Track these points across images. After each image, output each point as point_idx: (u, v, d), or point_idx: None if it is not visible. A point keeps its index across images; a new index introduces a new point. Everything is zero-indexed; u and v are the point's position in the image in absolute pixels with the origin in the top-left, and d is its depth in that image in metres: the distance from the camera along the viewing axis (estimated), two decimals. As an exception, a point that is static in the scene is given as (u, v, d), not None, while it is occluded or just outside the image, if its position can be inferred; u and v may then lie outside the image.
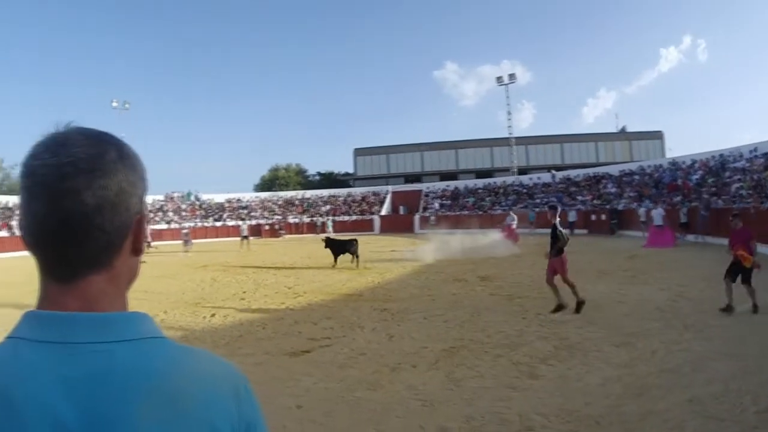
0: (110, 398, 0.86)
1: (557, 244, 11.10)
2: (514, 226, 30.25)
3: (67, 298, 0.94)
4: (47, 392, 0.85)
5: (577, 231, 37.81)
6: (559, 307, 10.86)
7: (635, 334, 9.04)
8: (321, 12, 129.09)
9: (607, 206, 40.40)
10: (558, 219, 11.32)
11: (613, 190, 43.40)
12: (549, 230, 11.57)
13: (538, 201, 48.54)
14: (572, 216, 39.06)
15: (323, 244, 23.28)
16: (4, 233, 42.90)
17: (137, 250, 1.05)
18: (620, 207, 39.19)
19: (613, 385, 6.66)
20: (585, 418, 5.67)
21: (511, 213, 32.48)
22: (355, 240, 23.22)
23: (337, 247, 22.97)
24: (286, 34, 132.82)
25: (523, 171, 65.08)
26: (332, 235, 27.53)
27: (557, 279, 11.18)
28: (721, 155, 36.57)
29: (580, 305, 10.84)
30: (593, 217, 39.73)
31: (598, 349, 8.31)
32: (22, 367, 0.87)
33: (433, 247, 25.23)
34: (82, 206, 0.92)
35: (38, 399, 0.84)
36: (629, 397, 6.27)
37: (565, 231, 11.45)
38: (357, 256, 22.44)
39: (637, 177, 43.39)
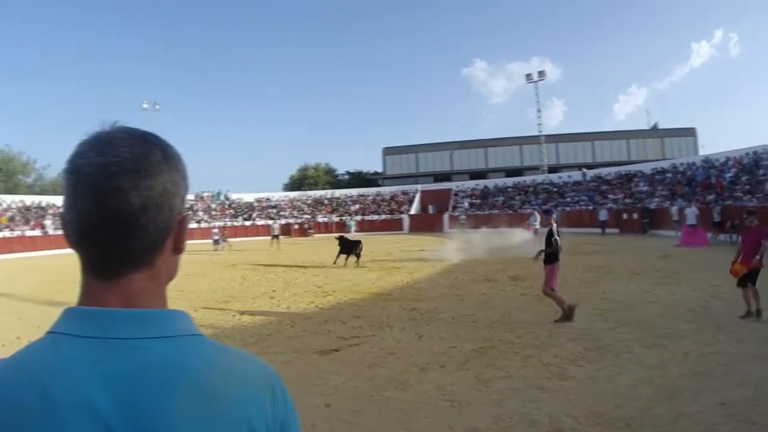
0: (148, 394, 0.86)
1: (550, 251, 10.72)
2: (536, 227, 29.88)
3: (108, 295, 0.95)
4: (86, 387, 0.85)
5: (608, 230, 37.53)
6: (569, 312, 10.32)
7: (667, 336, 8.93)
8: (350, 12, 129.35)
9: (639, 205, 39.99)
10: (555, 224, 10.91)
11: (645, 188, 42.94)
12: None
13: (568, 200, 48.24)
14: (603, 215, 38.73)
15: (337, 242, 23.75)
16: (37, 232, 43.58)
17: (178, 249, 1.06)
18: (652, 206, 38.78)
19: (644, 387, 6.57)
20: (615, 421, 5.61)
21: (535, 213, 32.11)
22: (359, 241, 23.83)
23: (345, 247, 23.42)
24: (316, 35, 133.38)
25: (553, 169, 64.69)
26: (347, 235, 27.60)
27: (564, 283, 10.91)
28: (755, 152, 36.04)
29: (565, 315, 10.33)
30: (625, 216, 39.33)
31: (629, 350, 8.21)
32: (61, 362, 0.88)
33: (462, 246, 25.16)
34: (128, 206, 0.92)
35: (77, 393, 0.85)
36: (660, 399, 6.19)
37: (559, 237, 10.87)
38: (358, 257, 23.13)
39: (669, 175, 42.88)
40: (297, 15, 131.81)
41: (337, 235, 26.14)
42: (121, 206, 0.92)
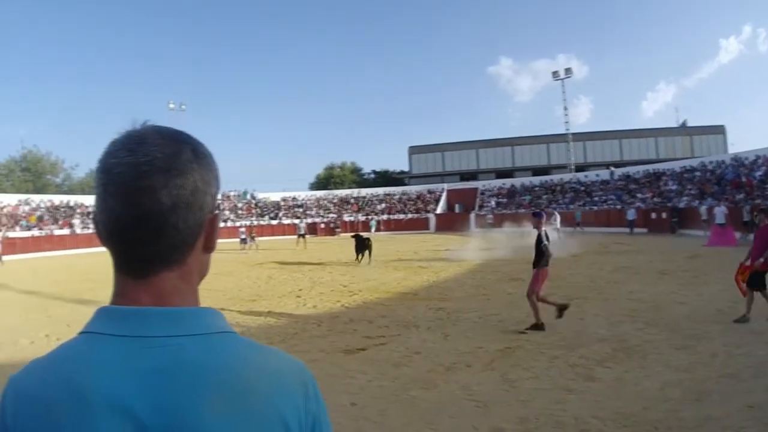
0: (181, 391, 0.87)
1: (543, 257, 10.25)
2: (557, 227, 29.55)
3: (140, 294, 0.96)
4: (119, 385, 0.86)
5: (637, 230, 37.21)
6: (540, 324, 9.88)
7: (695, 337, 8.83)
8: (376, 11, 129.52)
9: (668, 204, 39.56)
10: (544, 229, 10.45)
11: (674, 187, 42.48)
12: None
13: (596, 199, 47.89)
14: (631, 214, 38.40)
15: (354, 240, 24.23)
16: (65, 231, 44.13)
17: (209, 248, 1.07)
18: (681, 205, 38.32)
19: (672, 390, 6.50)
20: (642, 423, 5.55)
21: (556, 213, 31.77)
22: (368, 239, 24.41)
23: (358, 245, 23.95)
24: (342, 35, 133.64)
25: (580, 168, 64.21)
26: (365, 235, 27.77)
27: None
28: (786, 150, 35.59)
29: (535, 326, 9.86)
30: (653, 216, 38.93)
31: (658, 351, 8.13)
32: (94, 361, 0.89)
33: (487, 246, 25.08)
34: (158, 205, 0.93)
35: (110, 392, 0.86)
36: (688, 401, 6.12)
37: (550, 240, 10.56)
38: (368, 254, 23.83)
39: (698, 174, 42.37)
40: (325, 15, 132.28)
41: (353, 234, 26.32)
42: (152, 205, 0.92)
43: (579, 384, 6.87)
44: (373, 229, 50.70)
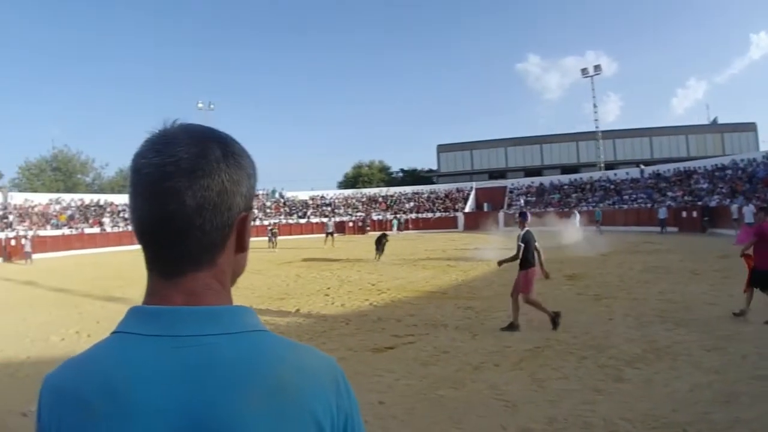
0: (214, 391, 0.87)
1: (514, 257, 10.42)
2: (577, 226, 29.17)
3: (172, 293, 0.96)
4: (152, 385, 0.87)
5: (667, 229, 36.80)
6: (512, 326, 10.05)
7: (726, 338, 8.72)
8: (401, 11, 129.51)
9: (699, 203, 39.03)
10: (526, 229, 10.40)
11: (705, 185, 41.85)
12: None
13: (626, 197, 47.44)
14: (663, 213, 37.92)
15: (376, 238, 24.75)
16: (95, 230, 44.67)
17: (242, 248, 1.06)
18: (712, 203, 37.71)
19: (702, 391, 6.43)
20: (671, 425, 5.51)
21: (576, 212, 31.24)
22: (384, 235, 25.74)
23: (377, 243, 24.73)
24: (369, 36, 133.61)
25: (610, 166, 63.56)
26: (389, 233, 27.87)
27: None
28: (819, 147, 35.03)
29: (554, 321, 9.96)
30: (684, 214, 38.31)
31: (688, 353, 8.05)
32: (126, 361, 0.89)
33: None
34: (183, 207, 0.92)
35: (143, 392, 0.86)
36: (718, 404, 6.05)
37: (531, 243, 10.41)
38: (380, 251, 24.99)
39: (729, 172, 41.67)
40: (352, 17, 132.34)
41: (380, 233, 26.63)
42: (177, 207, 0.92)
43: (608, 385, 6.84)
44: (395, 229, 50.54)
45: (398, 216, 56.23)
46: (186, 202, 0.93)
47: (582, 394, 6.54)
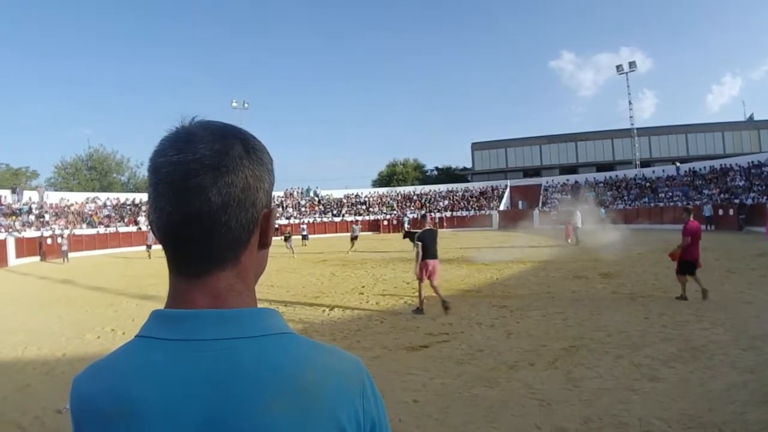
0: (233, 396, 0.86)
1: (417, 254, 12.02)
2: (578, 225, 28.42)
3: (195, 294, 0.96)
4: (170, 390, 0.86)
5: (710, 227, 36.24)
6: (422, 308, 11.95)
7: (762, 337, 8.59)
8: (434, 10, 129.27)
9: (735, 200, 38.39)
10: (426, 228, 12.31)
11: (741, 183, 41.13)
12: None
13: (661, 195, 46.86)
14: (708, 210, 37.23)
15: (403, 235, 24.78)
16: (131, 228, 45.26)
17: (264, 244, 1.06)
18: (749, 201, 37.10)
19: (738, 391, 6.35)
20: (707, 425, 5.46)
21: (577, 211, 30.50)
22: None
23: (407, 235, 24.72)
24: (401, 36, 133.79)
25: (645, 163, 62.78)
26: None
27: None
28: None
29: (418, 308, 11.97)
30: (720, 212, 37.61)
31: (724, 352, 7.95)
32: (146, 366, 0.89)
33: (551, 242, 24.80)
34: (208, 204, 0.92)
35: (161, 398, 0.86)
36: (754, 404, 5.97)
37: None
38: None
39: (766, 169, 40.75)
40: (387, 18, 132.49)
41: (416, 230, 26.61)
42: (202, 205, 0.92)
43: (643, 384, 6.79)
44: (406, 225, 49.70)
45: (407, 214, 56.00)
46: (211, 200, 0.93)
47: (617, 394, 6.50)
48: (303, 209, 59.70)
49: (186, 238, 0.95)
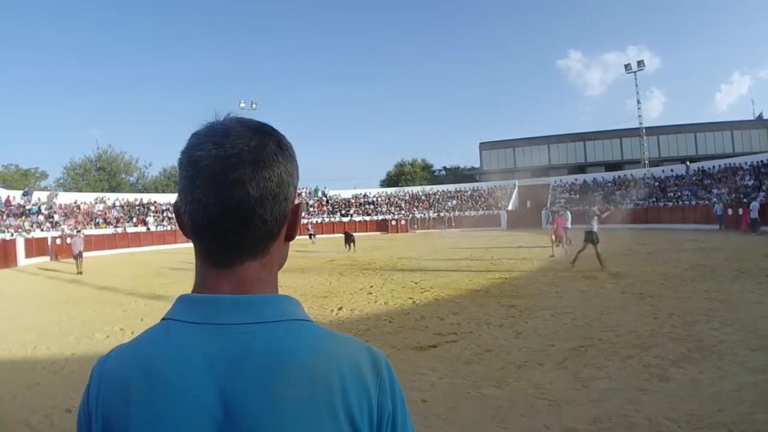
0: (249, 378, 0.90)
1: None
2: (568, 226, 27.85)
3: (222, 282, 1.00)
4: (192, 370, 0.91)
5: (712, 227, 36.01)
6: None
7: (774, 338, 8.57)
8: (443, 10, 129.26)
9: (745, 200, 38.12)
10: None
11: (751, 182, 40.85)
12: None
13: (670, 195, 46.68)
14: (720, 209, 36.99)
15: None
16: (140, 229, 45.40)
17: (290, 237, 1.11)
18: (758, 201, 36.89)
19: (748, 392, 6.32)
20: (716, 426, 5.44)
21: (567, 212, 29.88)
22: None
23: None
24: (409, 35, 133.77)
25: (654, 163, 62.53)
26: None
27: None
28: None
29: None
30: (729, 212, 37.44)
31: (733, 352, 7.90)
32: (171, 346, 0.94)
33: (566, 242, 24.74)
34: (247, 197, 0.97)
35: (182, 377, 0.91)
36: (764, 404, 5.94)
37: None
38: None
39: (775, 168, 40.67)
40: (393, 18, 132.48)
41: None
42: (241, 197, 0.96)
43: (652, 384, 6.76)
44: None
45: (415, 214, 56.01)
46: (250, 192, 0.97)
47: (626, 394, 6.48)
48: (311, 209, 59.71)
49: (223, 229, 0.99)
